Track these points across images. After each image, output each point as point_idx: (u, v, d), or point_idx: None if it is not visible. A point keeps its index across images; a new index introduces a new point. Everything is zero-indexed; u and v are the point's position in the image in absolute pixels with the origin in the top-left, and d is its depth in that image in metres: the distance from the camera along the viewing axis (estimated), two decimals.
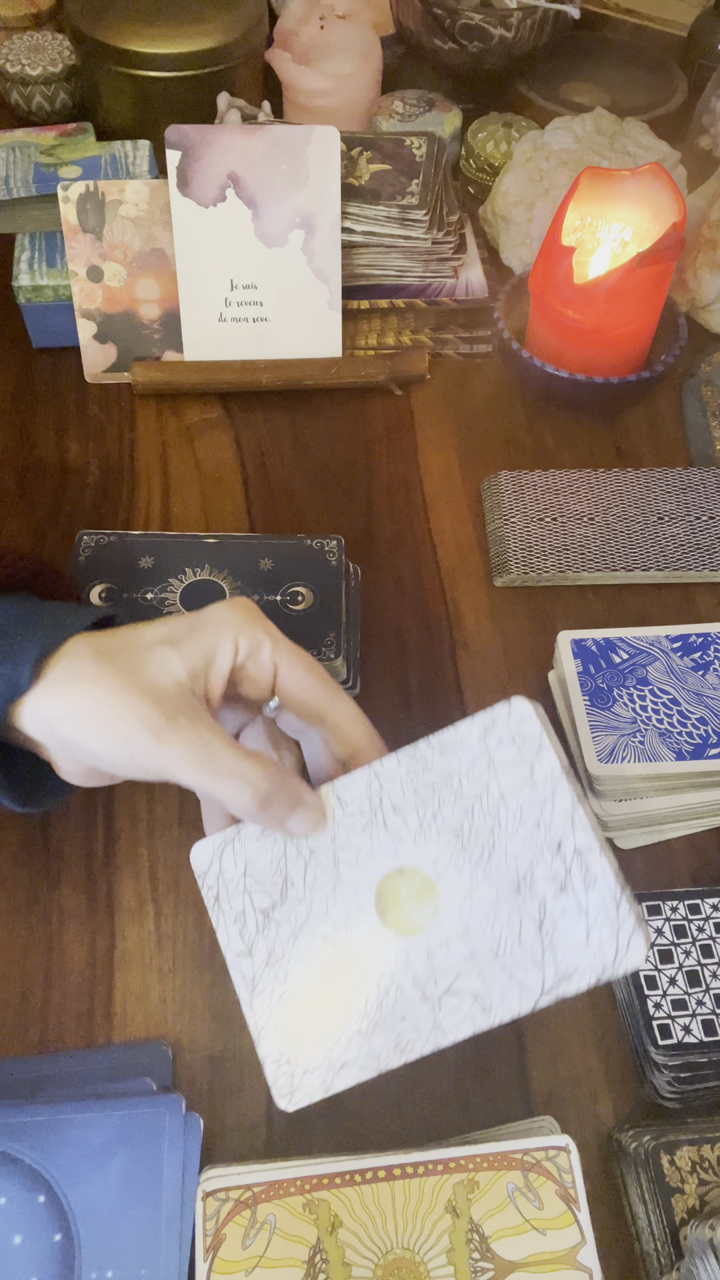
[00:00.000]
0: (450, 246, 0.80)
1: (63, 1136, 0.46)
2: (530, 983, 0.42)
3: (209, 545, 0.64)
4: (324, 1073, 0.43)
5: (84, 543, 0.64)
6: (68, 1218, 0.44)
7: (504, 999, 0.42)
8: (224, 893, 0.47)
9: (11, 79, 0.97)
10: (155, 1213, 0.45)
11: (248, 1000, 0.45)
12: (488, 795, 0.45)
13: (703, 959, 0.51)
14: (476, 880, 0.44)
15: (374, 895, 0.45)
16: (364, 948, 0.44)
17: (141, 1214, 0.45)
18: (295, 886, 0.46)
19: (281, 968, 0.45)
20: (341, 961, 0.45)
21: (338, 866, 0.46)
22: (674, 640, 0.62)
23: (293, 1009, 0.44)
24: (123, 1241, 0.44)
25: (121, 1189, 0.45)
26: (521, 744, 0.45)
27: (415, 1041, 0.43)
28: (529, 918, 0.43)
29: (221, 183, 0.75)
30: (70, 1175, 0.45)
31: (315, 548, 0.64)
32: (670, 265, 0.72)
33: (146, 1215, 0.45)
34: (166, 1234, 0.44)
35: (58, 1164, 0.46)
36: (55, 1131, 0.46)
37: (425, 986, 0.43)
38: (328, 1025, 0.44)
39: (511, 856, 0.44)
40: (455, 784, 0.45)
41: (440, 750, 0.46)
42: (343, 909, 0.45)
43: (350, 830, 0.46)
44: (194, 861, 0.48)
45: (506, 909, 0.43)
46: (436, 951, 0.44)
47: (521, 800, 0.44)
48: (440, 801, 0.45)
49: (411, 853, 0.45)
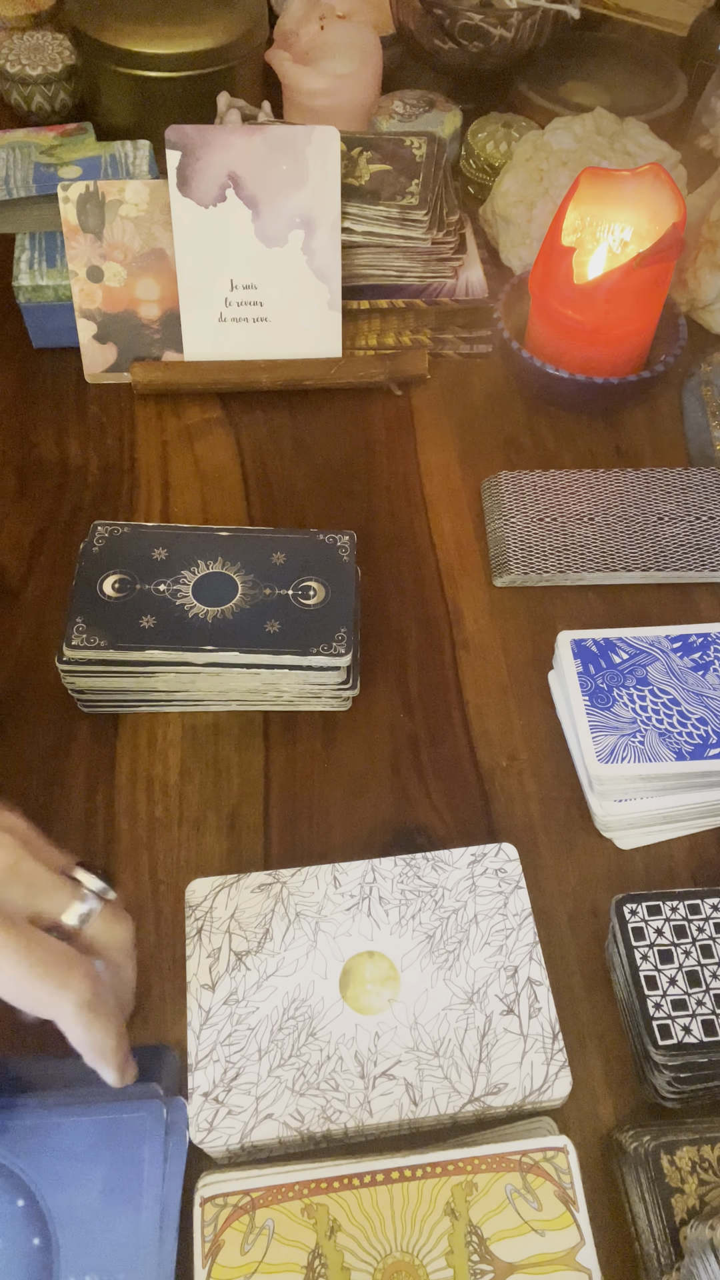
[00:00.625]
0: (450, 246, 0.80)
1: (44, 1141, 0.46)
2: (461, 1087, 0.47)
3: (222, 538, 0.64)
4: (247, 1118, 0.47)
5: (98, 533, 0.64)
6: (46, 1222, 0.44)
7: (434, 1095, 0.47)
8: (207, 928, 0.52)
9: (11, 79, 0.97)
10: (136, 1217, 0.45)
11: (196, 1030, 0.49)
12: (464, 912, 0.52)
13: (703, 959, 0.51)
14: (436, 982, 0.50)
15: (341, 969, 0.51)
16: (318, 1013, 0.49)
17: (122, 1218, 0.45)
18: (273, 941, 0.52)
19: (237, 1010, 0.49)
20: (293, 1020, 0.49)
21: (316, 935, 0.52)
22: (674, 640, 0.62)
23: (234, 1051, 0.48)
24: (102, 1246, 0.44)
25: (102, 1193, 0.45)
26: (502, 879, 0.53)
27: (342, 1114, 0.47)
28: (474, 1027, 0.49)
29: (221, 183, 0.75)
30: (50, 1180, 0.45)
31: (328, 543, 0.65)
32: (670, 265, 0.72)
33: (127, 1219, 0.44)
34: (147, 1238, 0.44)
35: (38, 1168, 0.45)
36: (37, 1135, 0.46)
37: (365, 1064, 0.48)
38: (264, 1075, 0.48)
39: (472, 970, 0.50)
40: (439, 895, 0.53)
41: (433, 865, 0.54)
42: (310, 973, 0.51)
43: (337, 907, 0.52)
44: (189, 894, 0.53)
45: (456, 1014, 0.49)
46: (384, 1035, 0.49)
47: (492, 925, 0.52)
48: (422, 906, 0.53)
49: (386, 942, 0.51)
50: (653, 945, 0.51)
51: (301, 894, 0.53)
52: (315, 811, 0.61)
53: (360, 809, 0.61)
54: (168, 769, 0.62)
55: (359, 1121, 0.46)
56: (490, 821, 0.61)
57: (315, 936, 0.51)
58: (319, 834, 0.60)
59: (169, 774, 0.62)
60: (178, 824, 0.60)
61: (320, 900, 0.53)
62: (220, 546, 0.64)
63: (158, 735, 0.63)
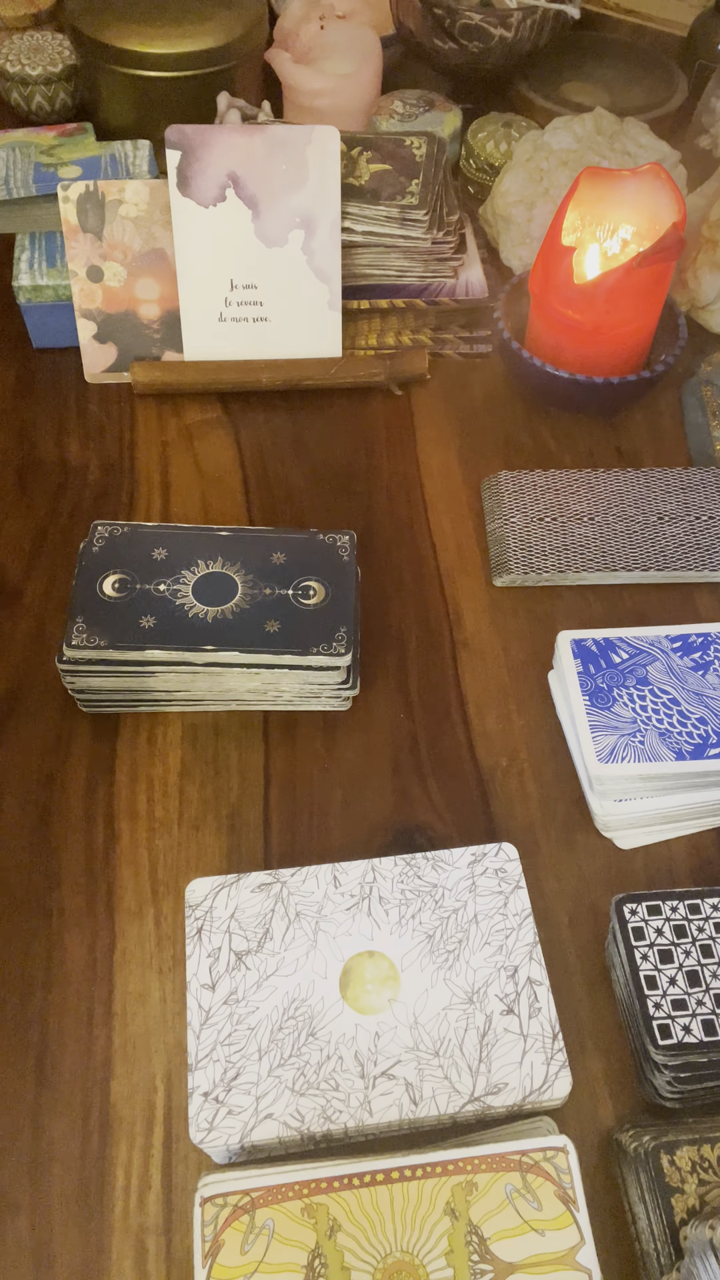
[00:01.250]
0: (450, 246, 0.80)
1: None
2: (461, 1086, 0.47)
3: (222, 538, 0.64)
4: (247, 1118, 0.47)
5: (98, 533, 0.64)
6: None
7: (434, 1095, 0.47)
8: (207, 928, 0.52)
9: (11, 79, 0.97)
10: None
11: (196, 1030, 0.49)
12: (464, 912, 0.52)
13: (703, 959, 0.51)
14: (436, 981, 0.50)
15: (341, 969, 0.51)
16: (318, 1013, 0.49)
17: None
18: (274, 940, 0.51)
19: (237, 1010, 0.49)
20: (293, 1019, 0.49)
21: (317, 935, 0.52)
22: (674, 640, 0.62)
23: (234, 1051, 0.48)
24: None
25: None
26: (502, 879, 0.53)
27: (342, 1113, 0.47)
28: (474, 1027, 0.49)
29: (221, 183, 0.75)
30: None
31: (327, 542, 0.65)
32: (670, 265, 0.72)
33: None
34: None
35: None
36: None
37: (365, 1064, 0.48)
38: (264, 1075, 0.48)
39: (472, 969, 0.50)
40: (439, 895, 0.53)
41: (433, 864, 0.54)
42: (310, 973, 0.51)
43: (337, 907, 0.52)
44: (189, 894, 0.53)
45: (456, 1014, 0.49)
46: (384, 1035, 0.49)
47: (492, 925, 0.52)
48: (422, 905, 0.53)
49: (386, 942, 0.51)
50: (653, 945, 0.51)
51: (301, 894, 0.53)
52: (315, 811, 0.61)
53: (360, 809, 0.61)
54: (168, 769, 0.62)
55: (359, 1121, 0.46)
56: (490, 821, 0.61)
57: (315, 936, 0.51)
58: (319, 834, 0.60)
59: (169, 774, 0.62)
60: (178, 824, 0.60)
61: (320, 900, 0.53)
62: (220, 546, 0.64)
63: (158, 735, 0.64)
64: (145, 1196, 0.49)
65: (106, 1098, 0.52)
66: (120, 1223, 0.48)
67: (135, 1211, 0.49)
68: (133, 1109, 0.51)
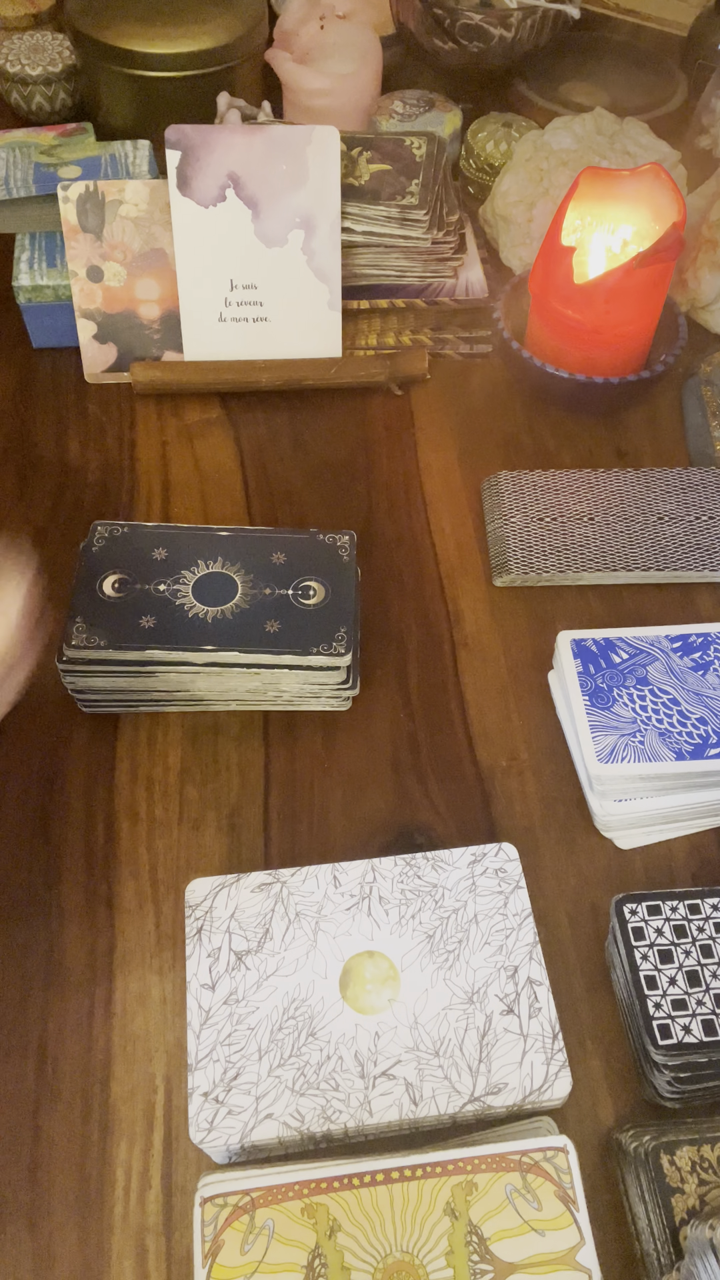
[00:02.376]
0: (450, 246, 0.80)
1: None
2: (461, 1086, 0.47)
3: (222, 538, 0.64)
4: (247, 1118, 0.47)
5: (98, 533, 0.64)
6: None
7: (434, 1095, 0.47)
8: (207, 928, 0.52)
9: (11, 79, 0.97)
10: None
11: (196, 1030, 0.49)
12: (464, 912, 0.52)
13: (703, 959, 0.51)
14: (436, 981, 0.50)
15: (341, 969, 0.51)
16: (318, 1012, 0.49)
17: None
18: (273, 940, 0.52)
19: (237, 1009, 0.50)
20: (293, 1019, 0.49)
21: (317, 935, 0.52)
22: (674, 640, 0.62)
23: (234, 1051, 0.48)
24: None
25: None
26: (502, 879, 0.53)
27: (342, 1113, 0.47)
28: (475, 1027, 0.49)
29: (221, 183, 0.75)
30: None
31: (328, 542, 0.65)
32: (670, 265, 0.72)
33: None
34: None
35: None
36: None
37: (365, 1064, 0.48)
38: (264, 1075, 0.48)
39: (472, 970, 0.50)
40: (439, 895, 0.53)
41: (433, 864, 0.54)
42: (310, 973, 0.51)
43: (337, 907, 0.52)
44: (189, 894, 0.53)
45: (456, 1014, 0.49)
46: (384, 1035, 0.49)
47: (492, 924, 0.52)
48: (422, 905, 0.53)
49: (386, 942, 0.51)
50: (653, 945, 0.51)
51: (301, 894, 0.53)
52: (315, 811, 0.61)
53: (360, 809, 0.61)
54: (168, 769, 0.62)
55: (359, 1121, 0.46)
56: (490, 821, 0.61)
57: (315, 936, 0.52)
58: (319, 834, 0.60)
59: (169, 774, 0.62)
60: (178, 824, 0.60)
61: (320, 900, 0.53)
62: (220, 546, 0.64)
63: (158, 735, 0.63)
64: (145, 1196, 0.49)
65: (106, 1098, 0.51)
66: (120, 1223, 0.48)
67: (135, 1211, 0.49)
68: (133, 1109, 0.51)
